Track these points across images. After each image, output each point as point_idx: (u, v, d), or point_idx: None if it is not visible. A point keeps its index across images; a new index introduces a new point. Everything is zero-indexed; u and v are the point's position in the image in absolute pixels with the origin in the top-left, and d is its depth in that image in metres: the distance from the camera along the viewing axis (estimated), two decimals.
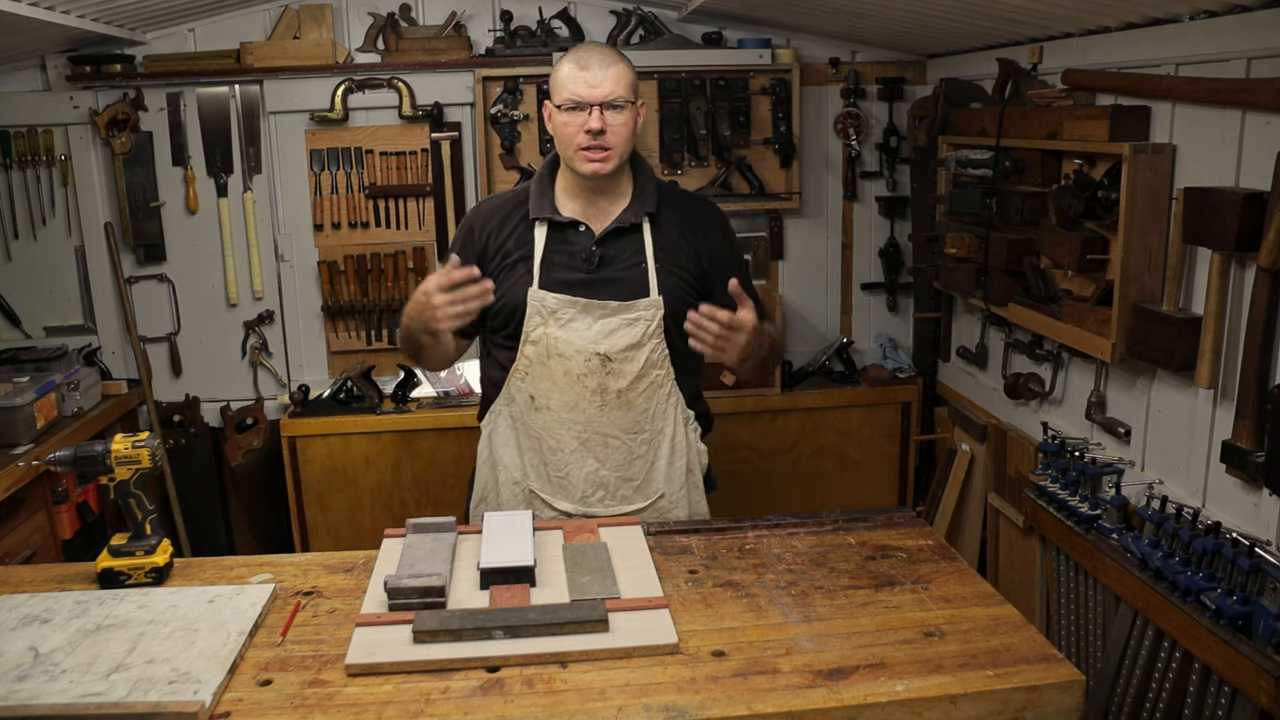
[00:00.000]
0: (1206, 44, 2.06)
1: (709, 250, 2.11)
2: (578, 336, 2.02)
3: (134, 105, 3.37)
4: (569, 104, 1.96)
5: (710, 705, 1.38)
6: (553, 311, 2.02)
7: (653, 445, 2.10)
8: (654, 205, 2.08)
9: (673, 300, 2.04)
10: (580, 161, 1.98)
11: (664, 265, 2.06)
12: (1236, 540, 1.85)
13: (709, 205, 2.25)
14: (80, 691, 1.39)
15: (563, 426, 2.06)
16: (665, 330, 2.04)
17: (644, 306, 2.03)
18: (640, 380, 2.05)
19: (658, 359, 2.05)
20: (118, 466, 1.77)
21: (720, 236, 2.15)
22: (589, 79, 1.95)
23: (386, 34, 3.41)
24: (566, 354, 2.02)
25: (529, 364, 2.06)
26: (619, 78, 1.97)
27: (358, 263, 3.51)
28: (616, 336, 2.02)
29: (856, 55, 3.60)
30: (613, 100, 1.95)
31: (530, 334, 2.04)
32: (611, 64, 1.97)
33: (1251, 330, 1.93)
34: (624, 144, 2.00)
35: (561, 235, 2.06)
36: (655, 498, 2.13)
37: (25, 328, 3.51)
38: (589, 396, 2.04)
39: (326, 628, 1.61)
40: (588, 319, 2.02)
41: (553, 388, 2.05)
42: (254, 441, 3.52)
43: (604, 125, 1.95)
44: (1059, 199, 2.47)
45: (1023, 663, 1.48)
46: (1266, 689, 1.70)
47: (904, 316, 3.77)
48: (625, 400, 2.05)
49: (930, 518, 3.26)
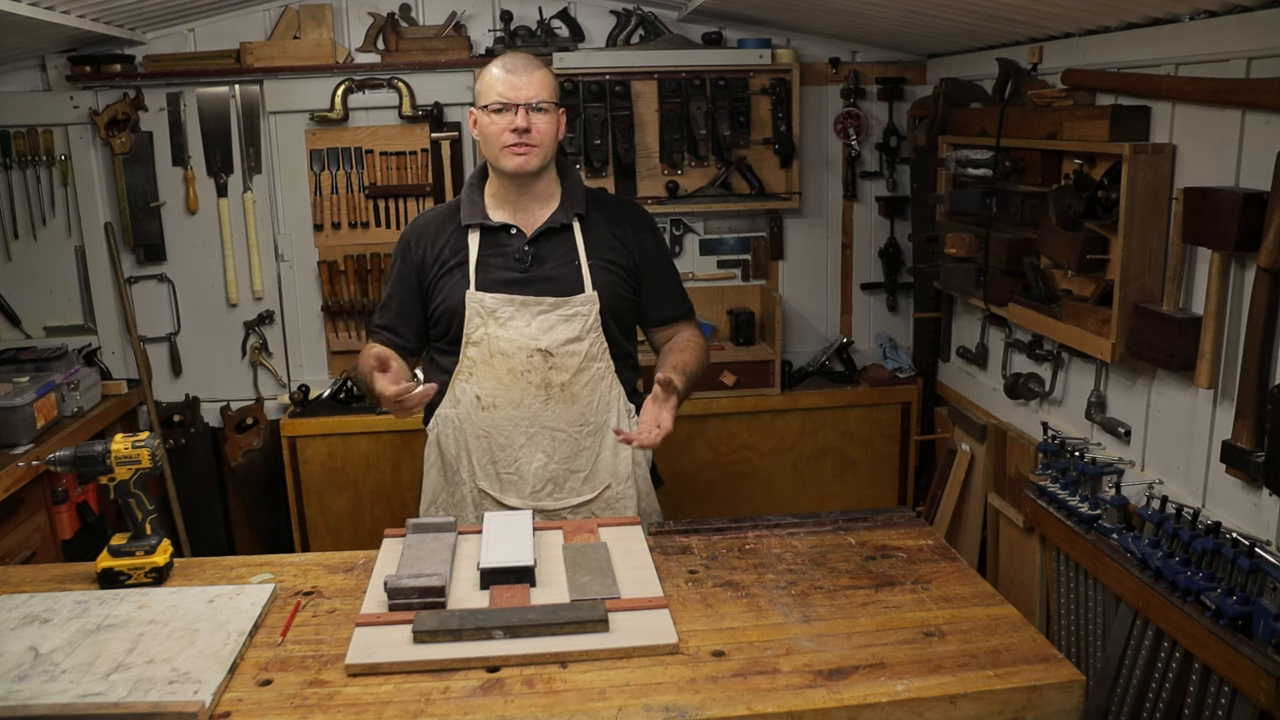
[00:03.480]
0: (1206, 44, 2.06)
1: (638, 245, 2.20)
2: (518, 334, 2.09)
3: (134, 105, 3.37)
4: (496, 105, 2.04)
5: (710, 705, 1.38)
6: (491, 311, 2.09)
7: (597, 437, 2.17)
8: (583, 206, 2.16)
9: (607, 294, 2.13)
10: (506, 158, 2.06)
11: (596, 261, 2.14)
12: (1236, 540, 1.85)
13: (636, 206, 2.36)
14: (80, 691, 1.39)
15: (510, 423, 2.12)
16: (603, 324, 2.12)
17: (580, 302, 2.10)
18: (581, 374, 2.12)
19: (597, 352, 2.13)
20: (118, 466, 1.78)
21: (649, 234, 2.24)
22: (515, 82, 2.03)
23: (386, 34, 3.41)
24: (508, 351, 2.09)
25: (472, 364, 2.12)
26: (543, 81, 2.05)
27: (358, 263, 3.51)
28: (556, 332, 2.09)
29: (856, 55, 3.60)
30: (537, 103, 2.03)
31: (471, 335, 2.11)
32: (535, 69, 2.06)
33: (1251, 330, 1.92)
34: (548, 143, 2.07)
35: (494, 239, 2.14)
36: (602, 489, 2.19)
37: (25, 328, 3.51)
38: (534, 392, 2.11)
39: (326, 628, 1.61)
40: (526, 316, 2.09)
41: (498, 386, 2.11)
42: (254, 441, 3.52)
43: (529, 124, 2.03)
44: (1059, 199, 2.47)
45: (1023, 663, 1.48)
46: (1266, 689, 1.70)
47: (904, 316, 3.77)
48: (569, 394, 2.11)
49: (930, 518, 3.26)
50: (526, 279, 2.11)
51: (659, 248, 2.25)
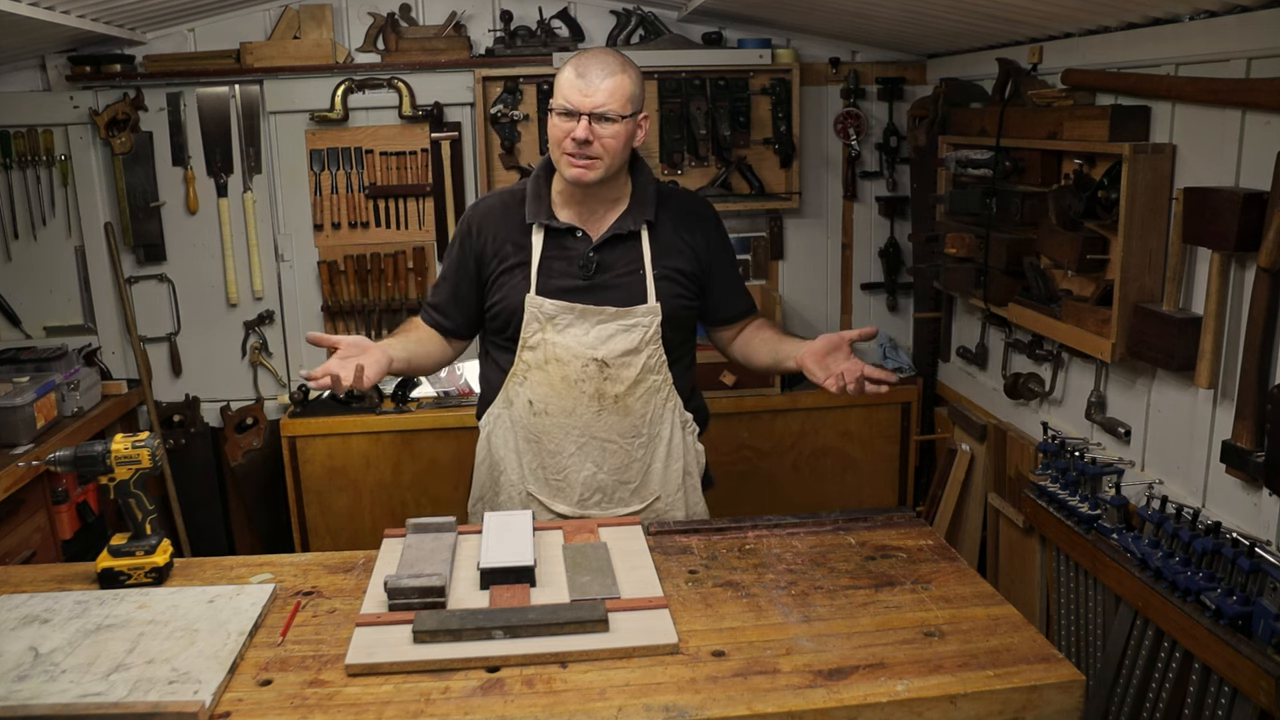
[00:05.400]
0: (1206, 44, 2.06)
1: (705, 245, 2.13)
2: (575, 342, 2.03)
3: (134, 105, 3.37)
4: (561, 109, 1.95)
5: (710, 705, 1.38)
6: (550, 317, 2.03)
7: (650, 449, 2.11)
8: (652, 212, 2.07)
9: (670, 306, 2.06)
10: (564, 165, 1.98)
11: (661, 271, 2.07)
12: (1236, 540, 1.85)
13: (702, 201, 2.27)
14: (80, 691, 1.39)
15: (561, 431, 2.07)
16: (662, 335, 2.05)
17: (642, 313, 2.04)
18: (637, 385, 2.06)
19: (655, 364, 2.06)
20: (118, 466, 1.78)
21: (715, 231, 2.17)
22: (583, 87, 1.92)
23: (386, 34, 3.41)
24: (564, 359, 2.03)
25: (527, 369, 2.07)
26: (615, 89, 1.93)
27: (358, 263, 3.51)
28: (614, 342, 2.03)
29: (856, 55, 3.60)
30: (603, 112, 1.92)
31: (528, 340, 2.05)
32: (610, 74, 1.93)
33: (1251, 330, 1.92)
34: (613, 156, 1.97)
35: (558, 241, 2.06)
36: (652, 499, 2.14)
37: (25, 328, 3.50)
38: (586, 402, 2.05)
39: (326, 628, 1.61)
40: (585, 325, 2.03)
41: (551, 393, 2.06)
42: (254, 441, 3.52)
43: (590, 135, 1.93)
44: (1059, 199, 2.46)
45: (1023, 663, 1.48)
46: (1266, 689, 1.70)
47: (904, 316, 3.77)
48: (623, 405, 2.06)
49: (930, 518, 3.26)
50: (589, 286, 2.04)
51: (724, 244, 2.18)
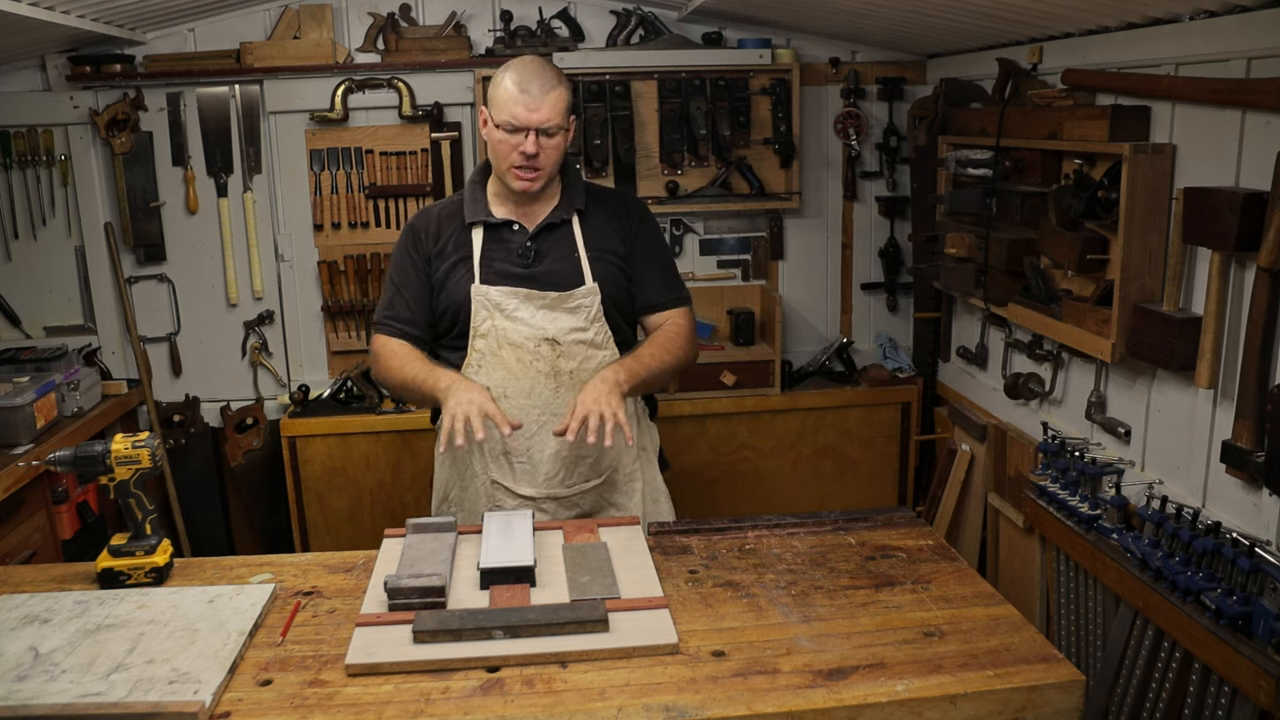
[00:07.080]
0: (1206, 44, 2.06)
1: (630, 233, 2.23)
2: (524, 325, 2.12)
3: (134, 105, 3.37)
4: (507, 125, 2.03)
5: (710, 705, 1.38)
6: (497, 304, 2.12)
7: None
8: (583, 202, 2.20)
9: (607, 285, 2.17)
10: (511, 178, 2.09)
11: (595, 253, 2.17)
12: (1236, 540, 1.85)
13: (631, 196, 2.39)
14: (80, 691, 1.39)
15: (521, 412, 2.13)
16: (606, 313, 2.16)
17: (582, 294, 2.14)
18: (589, 361, 2.15)
19: (602, 340, 2.16)
20: (118, 466, 1.78)
21: (639, 220, 2.26)
22: (528, 103, 2.01)
23: (386, 34, 3.41)
24: (517, 341, 2.12)
25: (481, 357, 2.14)
26: (556, 103, 2.03)
27: (358, 263, 3.51)
28: (561, 322, 2.13)
29: (856, 55, 3.60)
30: (548, 127, 2.03)
31: (479, 328, 2.13)
32: (551, 88, 2.03)
33: (1251, 330, 1.92)
34: (554, 165, 2.10)
35: (497, 235, 2.17)
36: (608, 471, 2.22)
37: (25, 328, 3.50)
38: (543, 380, 2.13)
39: (326, 628, 1.61)
40: (531, 308, 2.13)
41: (508, 376, 2.13)
42: (254, 441, 3.52)
43: (538, 149, 2.03)
44: (1059, 199, 2.47)
45: (1023, 663, 1.48)
46: (1266, 689, 1.70)
47: (904, 316, 3.77)
48: (578, 381, 2.13)
49: (930, 518, 3.26)
50: (529, 274, 2.14)
51: (648, 233, 2.26)
